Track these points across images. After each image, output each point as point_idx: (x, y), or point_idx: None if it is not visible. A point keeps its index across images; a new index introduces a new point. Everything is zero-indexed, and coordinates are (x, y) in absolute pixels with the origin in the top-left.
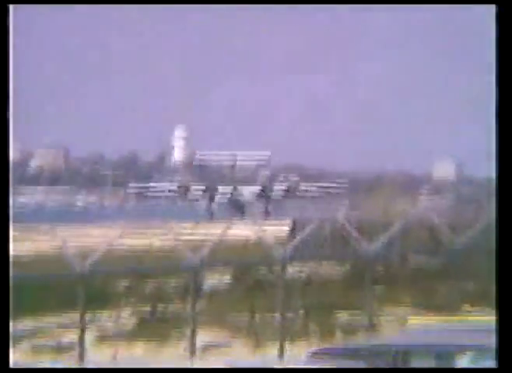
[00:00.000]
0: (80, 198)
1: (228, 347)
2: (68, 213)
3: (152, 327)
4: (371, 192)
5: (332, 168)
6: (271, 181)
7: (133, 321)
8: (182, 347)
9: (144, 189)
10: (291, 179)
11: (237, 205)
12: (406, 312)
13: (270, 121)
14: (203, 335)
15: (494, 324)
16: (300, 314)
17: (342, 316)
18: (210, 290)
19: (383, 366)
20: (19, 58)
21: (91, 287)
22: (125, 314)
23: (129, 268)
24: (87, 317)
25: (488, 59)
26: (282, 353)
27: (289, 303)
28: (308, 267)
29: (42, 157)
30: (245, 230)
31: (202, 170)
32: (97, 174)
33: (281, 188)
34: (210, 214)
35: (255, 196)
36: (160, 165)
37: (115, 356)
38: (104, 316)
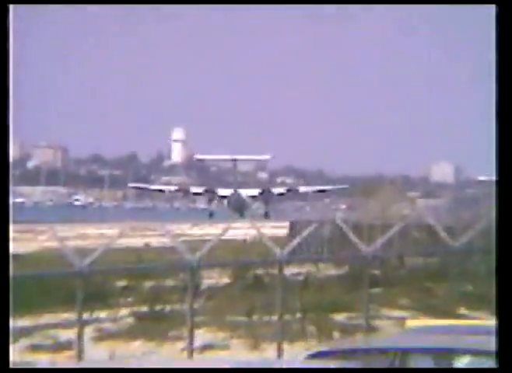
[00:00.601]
0: (78, 198)
1: (226, 347)
2: (67, 212)
3: (150, 326)
4: (369, 194)
5: (330, 170)
6: (270, 183)
7: (131, 320)
8: (180, 347)
9: (143, 189)
10: (290, 181)
11: (237, 206)
12: (404, 314)
13: (269, 124)
14: (201, 335)
15: (492, 327)
16: (298, 315)
17: (340, 317)
18: (208, 290)
19: (381, 367)
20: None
21: (90, 285)
22: (123, 313)
23: (128, 267)
24: (86, 316)
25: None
26: (280, 354)
27: (287, 304)
28: (306, 268)
29: (40, 157)
30: (244, 231)
31: (201, 172)
32: (95, 174)
33: (280, 190)
34: (210, 215)
35: (254, 198)
36: (158, 165)
37: (113, 355)
38: (103, 315)
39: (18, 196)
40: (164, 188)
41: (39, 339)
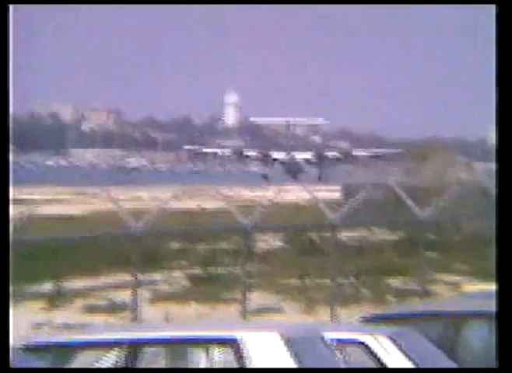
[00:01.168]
0: (132, 160)
1: (280, 311)
2: (120, 175)
3: (204, 289)
4: (424, 158)
5: (385, 134)
6: (323, 147)
7: (185, 282)
8: (234, 309)
9: (197, 152)
10: (343, 145)
11: (291, 170)
12: (460, 279)
13: (324, 87)
14: (255, 298)
15: None
16: (352, 279)
17: (395, 282)
18: (262, 253)
19: (435, 332)
20: (77, 19)
21: (144, 248)
22: (178, 275)
23: (182, 230)
24: (140, 277)
25: None
26: (334, 317)
27: (341, 268)
28: (360, 233)
29: (94, 119)
30: (297, 194)
31: (255, 135)
32: (149, 137)
33: (334, 154)
34: (263, 178)
35: (308, 161)
36: (212, 128)
37: (167, 317)
38: (157, 277)
39: (72, 158)
40: (218, 151)
41: (94, 300)
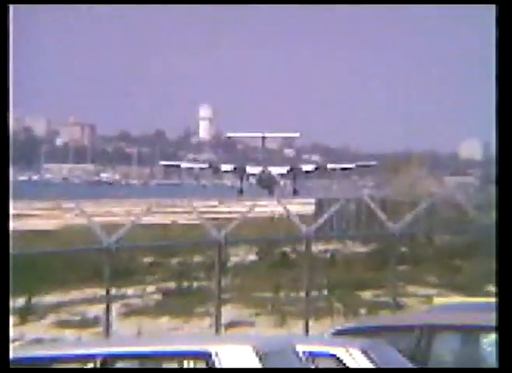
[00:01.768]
0: (106, 175)
1: (252, 324)
2: (94, 189)
3: (177, 302)
4: (397, 171)
5: (357, 147)
6: (296, 160)
7: (158, 296)
8: (207, 323)
9: (174, 167)
10: (316, 158)
11: (266, 184)
12: (431, 292)
13: (295, 101)
14: (228, 311)
15: None
16: (325, 292)
17: (367, 295)
18: (235, 266)
19: (406, 345)
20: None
21: (117, 262)
22: (150, 289)
23: (154, 244)
24: (113, 292)
25: None
26: (307, 330)
27: (314, 281)
28: (333, 246)
29: (68, 134)
30: (271, 208)
31: (228, 149)
32: (123, 151)
33: (308, 168)
34: (239, 193)
35: (283, 175)
36: (185, 143)
37: (139, 331)
38: (130, 291)
39: (46, 173)
40: (195, 165)
41: (66, 315)
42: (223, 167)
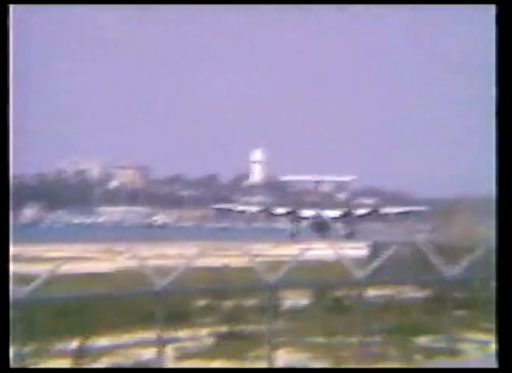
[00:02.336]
0: (158, 218)
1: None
2: (146, 232)
3: (230, 346)
4: (452, 216)
5: (411, 191)
6: (349, 204)
7: (211, 340)
8: (260, 367)
9: (227, 210)
10: (369, 202)
11: (319, 227)
12: (488, 338)
13: (350, 145)
14: (281, 355)
15: None
16: (379, 337)
17: (422, 340)
18: (288, 310)
19: None
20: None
21: (170, 305)
22: (203, 332)
23: (207, 287)
24: (166, 335)
25: None
26: None
27: (368, 326)
28: (387, 291)
29: (122, 177)
30: (325, 251)
31: (281, 192)
32: (176, 194)
33: (362, 211)
34: (291, 236)
35: (336, 219)
36: (238, 186)
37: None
38: (183, 335)
39: (99, 215)
40: (248, 209)
41: (120, 358)
42: (277, 211)
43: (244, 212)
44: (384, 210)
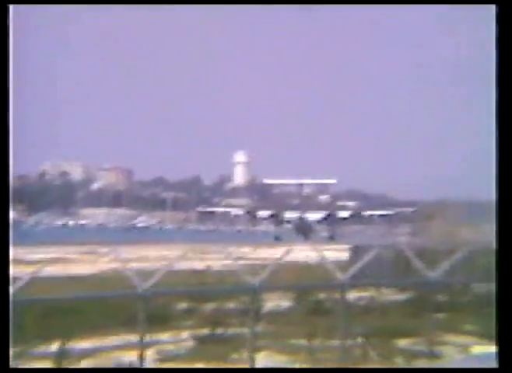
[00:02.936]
0: (141, 220)
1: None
2: (130, 234)
3: (211, 349)
4: (433, 218)
5: (393, 194)
6: (331, 206)
7: (192, 342)
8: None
9: (211, 213)
10: (351, 204)
11: (302, 230)
12: (469, 341)
13: (332, 147)
14: (262, 358)
15: None
16: (360, 340)
17: (403, 343)
18: (269, 313)
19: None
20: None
21: (151, 307)
22: (185, 335)
23: (189, 290)
24: (147, 338)
25: None
26: None
27: (349, 328)
28: (369, 293)
29: (104, 179)
30: (306, 254)
31: (264, 194)
32: (159, 196)
33: (344, 214)
34: (275, 239)
35: (319, 221)
36: (221, 188)
37: None
38: (164, 337)
39: (82, 218)
40: (232, 211)
41: (101, 360)
42: (260, 213)
43: (228, 214)
44: (367, 212)
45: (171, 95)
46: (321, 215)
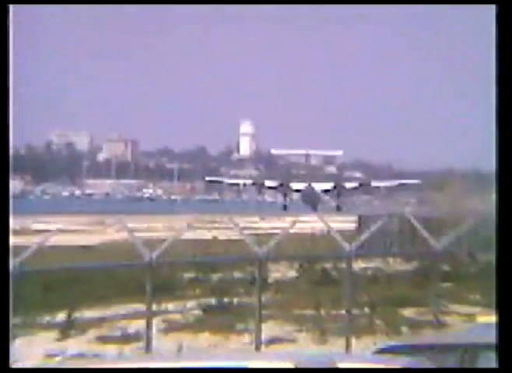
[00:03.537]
0: (147, 191)
1: (293, 341)
2: (136, 205)
3: (217, 318)
4: (440, 189)
5: (400, 166)
6: (338, 177)
7: (199, 312)
8: (247, 340)
9: (218, 182)
10: (358, 175)
11: (310, 200)
12: (475, 310)
13: (338, 118)
14: (268, 328)
15: None
16: (366, 310)
17: (409, 313)
18: (275, 283)
19: (450, 364)
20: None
21: (158, 277)
22: (191, 305)
23: (196, 260)
24: (154, 307)
25: None
26: (348, 348)
27: (355, 298)
28: (375, 263)
29: (111, 150)
30: (313, 224)
31: (270, 165)
32: (165, 167)
33: (352, 184)
34: (283, 209)
35: (327, 191)
36: (227, 159)
37: (180, 347)
38: (171, 306)
39: (88, 188)
40: (239, 182)
41: (107, 330)
42: (267, 183)
43: (236, 184)
44: (375, 183)
45: (177, 64)
46: (329, 185)
